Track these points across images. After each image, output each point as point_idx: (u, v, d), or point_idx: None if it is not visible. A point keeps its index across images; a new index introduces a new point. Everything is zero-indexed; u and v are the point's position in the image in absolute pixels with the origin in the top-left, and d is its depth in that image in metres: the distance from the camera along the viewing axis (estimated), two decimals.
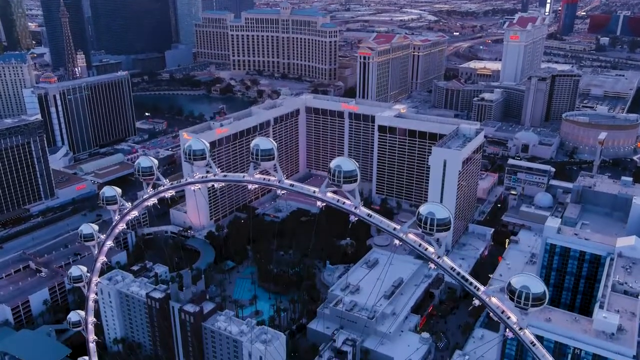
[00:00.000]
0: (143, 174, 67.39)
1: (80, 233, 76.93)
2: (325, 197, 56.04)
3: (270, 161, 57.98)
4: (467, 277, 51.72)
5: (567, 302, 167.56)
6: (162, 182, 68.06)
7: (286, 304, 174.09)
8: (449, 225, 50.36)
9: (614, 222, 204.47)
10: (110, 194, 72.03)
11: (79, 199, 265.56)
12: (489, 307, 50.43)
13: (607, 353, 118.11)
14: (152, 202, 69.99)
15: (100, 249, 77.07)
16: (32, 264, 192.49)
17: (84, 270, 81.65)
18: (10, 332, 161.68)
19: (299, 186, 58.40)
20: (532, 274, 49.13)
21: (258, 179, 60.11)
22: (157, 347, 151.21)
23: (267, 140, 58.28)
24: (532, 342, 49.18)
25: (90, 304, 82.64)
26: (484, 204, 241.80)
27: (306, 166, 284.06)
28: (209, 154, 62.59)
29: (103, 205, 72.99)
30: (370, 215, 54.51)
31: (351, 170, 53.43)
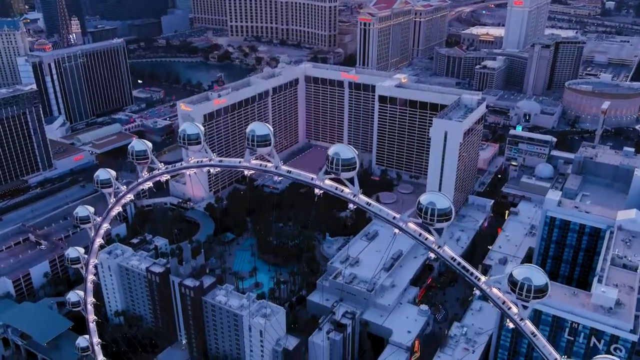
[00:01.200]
0: (137, 158, 66.02)
1: (76, 215, 75.97)
2: (323, 184, 54.67)
3: (267, 147, 56.44)
4: (468, 267, 50.90)
5: (566, 274, 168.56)
6: (157, 165, 66.62)
7: (286, 276, 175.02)
8: (449, 216, 49.26)
9: (615, 193, 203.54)
10: (104, 177, 70.74)
11: (77, 169, 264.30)
12: (490, 298, 49.72)
13: (604, 327, 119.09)
14: (147, 186, 68.73)
15: (97, 232, 76.23)
16: (32, 237, 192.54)
17: (82, 252, 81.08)
18: (12, 305, 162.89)
19: (297, 173, 57.05)
20: (534, 266, 48.13)
21: (255, 165, 58.54)
22: (157, 320, 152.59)
23: (263, 125, 56.58)
24: (533, 332, 48.67)
25: (89, 285, 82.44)
26: (485, 175, 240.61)
27: (305, 137, 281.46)
28: (203, 139, 60.97)
29: (98, 188, 71.56)
30: (369, 204, 53.26)
31: (350, 158, 52.01)
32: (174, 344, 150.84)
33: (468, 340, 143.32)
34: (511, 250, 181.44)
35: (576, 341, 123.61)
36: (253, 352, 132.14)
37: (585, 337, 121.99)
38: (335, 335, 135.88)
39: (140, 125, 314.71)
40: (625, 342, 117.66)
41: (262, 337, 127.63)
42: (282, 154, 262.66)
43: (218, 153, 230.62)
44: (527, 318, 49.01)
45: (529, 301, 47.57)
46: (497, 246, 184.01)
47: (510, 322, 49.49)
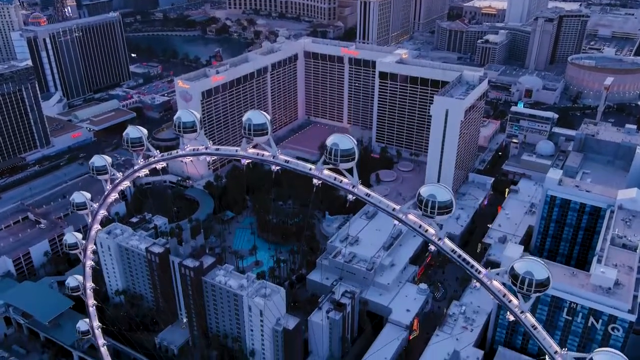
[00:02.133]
0: (132, 145, 64.76)
1: (72, 202, 75.12)
2: (322, 175, 53.59)
3: (264, 136, 55.14)
4: (469, 260, 50.20)
5: (565, 253, 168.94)
6: (153, 152, 65.43)
7: (286, 255, 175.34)
8: (450, 208, 48.31)
9: (616, 171, 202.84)
10: (100, 163, 69.61)
11: (74, 147, 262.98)
12: (491, 291, 49.15)
13: (603, 307, 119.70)
14: (143, 173, 67.68)
15: (94, 218, 75.46)
16: (31, 215, 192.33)
17: (79, 237, 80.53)
18: (13, 284, 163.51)
19: (295, 162, 55.90)
20: (535, 259, 47.33)
21: (251, 154, 57.35)
22: (158, 299, 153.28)
23: (260, 114, 55.16)
24: (534, 325, 48.26)
25: (88, 270, 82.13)
26: (485, 152, 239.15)
27: (305, 113, 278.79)
28: (199, 126, 59.63)
29: (93, 175, 70.48)
30: (369, 195, 52.25)
31: (348, 149, 50.78)
32: (174, 322, 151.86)
33: (467, 319, 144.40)
34: (511, 229, 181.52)
35: (574, 321, 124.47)
36: (253, 332, 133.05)
37: (584, 317, 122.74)
38: (335, 314, 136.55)
39: (138, 102, 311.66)
40: (622, 322, 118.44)
41: (262, 317, 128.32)
42: (281, 131, 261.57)
43: (217, 131, 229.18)
44: (527, 311, 48.50)
45: (530, 295, 46.98)
46: (496, 224, 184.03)
47: (511, 314, 49.02)
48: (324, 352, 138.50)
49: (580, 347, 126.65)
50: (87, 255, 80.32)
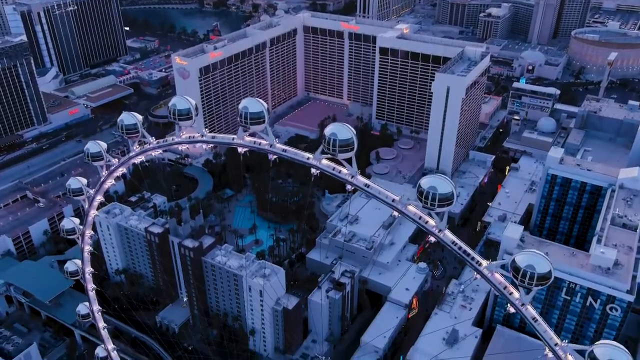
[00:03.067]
0: (127, 132, 63.49)
1: (69, 187, 74.05)
2: (320, 164, 52.43)
3: (261, 124, 53.83)
4: (469, 252, 49.53)
5: (564, 232, 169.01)
6: (148, 139, 64.18)
7: (285, 234, 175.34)
8: (451, 200, 47.34)
9: (617, 148, 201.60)
10: (95, 150, 68.32)
11: (72, 124, 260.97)
12: (491, 284, 48.66)
13: (601, 288, 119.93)
14: (139, 160, 66.54)
15: (91, 204, 74.62)
16: (30, 194, 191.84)
17: (77, 222, 79.80)
18: (13, 263, 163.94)
19: (293, 152, 54.61)
20: (537, 252, 46.54)
21: (248, 142, 56.13)
22: (158, 278, 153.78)
23: (256, 102, 53.75)
24: (534, 318, 47.87)
25: (86, 255, 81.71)
26: (486, 129, 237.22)
27: (304, 90, 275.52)
28: (195, 113, 58.27)
29: (89, 161, 69.32)
30: (368, 186, 51.21)
31: (347, 139, 49.53)
32: (174, 301, 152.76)
33: (465, 298, 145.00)
34: (511, 207, 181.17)
35: (573, 301, 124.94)
36: (253, 311, 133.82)
37: (582, 296, 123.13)
38: (335, 294, 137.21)
39: (135, 77, 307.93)
40: (621, 302, 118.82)
41: (261, 297, 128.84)
42: (280, 108, 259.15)
43: (215, 109, 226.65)
44: (528, 303, 48.04)
45: (532, 288, 46.44)
46: (496, 203, 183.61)
47: (512, 307, 48.60)
48: (323, 330, 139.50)
49: (578, 326, 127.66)
50: (85, 240, 79.77)
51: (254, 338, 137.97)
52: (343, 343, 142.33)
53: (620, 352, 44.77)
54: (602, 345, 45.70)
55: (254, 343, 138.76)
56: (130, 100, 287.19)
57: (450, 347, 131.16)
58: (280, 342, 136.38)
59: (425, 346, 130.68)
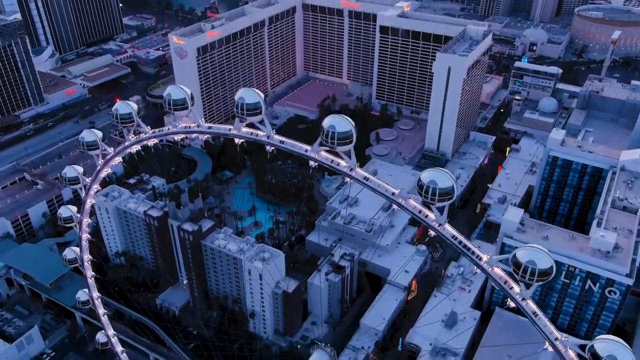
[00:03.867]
0: (122, 121, 62.36)
1: (65, 176, 73.20)
2: (318, 157, 51.49)
3: (257, 115, 52.68)
4: (470, 246, 48.90)
5: (564, 213, 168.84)
6: (143, 128, 63.10)
7: (285, 216, 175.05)
8: (451, 195, 46.51)
9: (619, 129, 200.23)
10: (90, 139, 67.22)
11: (69, 104, 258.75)
12: (492, 278, 48.13)
13: (601, 271, 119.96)
14: (135, 150, 65.54)
15: (87, 192, 73.86)
16: (28, 176, 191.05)
17: (74, 211, 79.21)
18: (13, 245, 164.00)
19: (290, 143, 53.53)
20: (539, 247, 45.85)
21: (245, 133, 55.04)
22: (157, 261, 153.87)
23: (253, 92, 52.48)
24: (535, 312, 47.50)
25: (84, 243, 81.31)
26: (487, 109, 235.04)
27: (304, 69, 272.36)
28: (190, 103, 57.04)
29: (84, 151, 68.29)
30: (367, 179, 50.32)
31: (346, 132, 48.49)
32: (175, 284, 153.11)
33: (465, 280, 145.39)
34: (511, 189, 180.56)
35: (572, 284, 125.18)
36: (253, 294, 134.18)
37: (581, 280, 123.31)
38: (334, 277, 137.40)
39: (132, 56, 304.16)
40: (620, 285, 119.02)
41: (261, 281, 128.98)
42: (279, 87, 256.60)
43: (213, 89, 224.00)
44: (529, 298, 47.60)
45: (532, 284, 45.92)
46: (496, 184, 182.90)
47: (512, 301, 48.17)
48: (323, 313, 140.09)
49: (577, 309, 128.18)
50: (83, 229, 79.25)
51: (253, 320, 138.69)
52: (342, 325, 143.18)
53: (621, 347, 44.53)
54: (603, 340, 45.46)
55: (254, 325, 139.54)
56: (127, 80, 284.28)
57: (449, 330, 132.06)
58: (280, 324, 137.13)
59: (424, 328, 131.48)
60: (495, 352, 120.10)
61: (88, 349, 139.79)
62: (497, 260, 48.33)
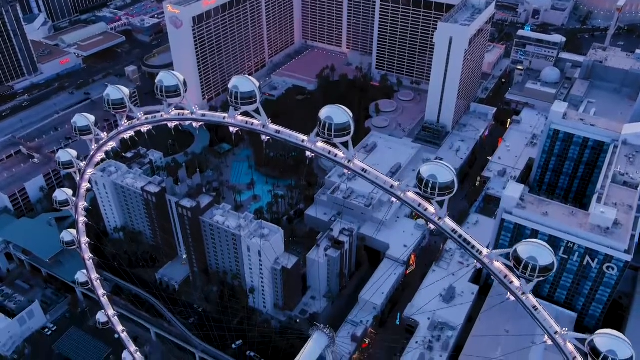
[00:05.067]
0: (114, 107, 60.73)
1: (59, 160, 71.77)
2: (315, 147, 50.04)
3: (252, 104, 51.02)
4: (470, 240, 48.10)
5: (564, 187, 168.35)
6: (136, 114, 61.45)
7: (283, 189, 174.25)
8: (452, 189, 45.32)
9: (622, 100, 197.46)
10: (82, 123, 65.52)
11: (64, 74, 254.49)
12: (492, 272, 47.51)
13: (599, 247, 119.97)
14: (128, 135, 63.99)
15: (82, 177, 72.65)
16: (24, 149, 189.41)
17: (69, 194, 78.11)
18: (12, 220, 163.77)
19: (287, 133, 51.95)
20: (541, 243, 44.93)
21: (240, 122, 53.48)
22: (157, 236, 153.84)
23: (247, 80, 50.68)
24: (535, 306, 47.09)
25: (81, 226, 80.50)
26: (488, 80, 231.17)
27: (302, 37, 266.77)
28: (183, 90, 55.27)
29: (77, 136, 66.70)
30: (365, 170, 49.06)
31: (343, 123, 46.95)
32: (174, 259, 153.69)
33: (463, 254, 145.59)
34: (511, 162, 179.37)
35: (570, 259, 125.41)
36: (252, 270, 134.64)
37: (580, 256, 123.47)
38: (333, 252, 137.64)
39: (126, 24, 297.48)
40: (618, 261, 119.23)
41: (260, 257, 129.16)
42: (277, 57, 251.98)
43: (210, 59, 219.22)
44: (529, 292, 47.06)
45: (533, 280, 45.25)
46: (496, 157, 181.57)
47: (512, 295, 47.67)
48: (322, 287, 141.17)
49: (574, 284, 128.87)
50: (79, 212, 78.29)
51: (253, 296, 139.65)
52: (341, 299, 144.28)
53: (621, 342, 44.13)
54: (603, 335, 45.06)
55: (253, 300, 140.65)
56: (122, 49, 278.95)
57: (447, 304, 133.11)
58: (280, 299, 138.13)
59: (422, 303, 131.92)
60: (492, 326, 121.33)
61: (89, 323, 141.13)
62: (497, 254, 47.55)
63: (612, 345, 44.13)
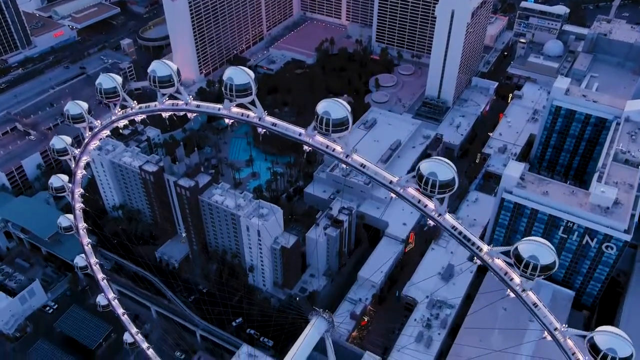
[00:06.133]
0: (107, 96, 59.17)
1: (52, 147, 70.48)
2: (313, 142, 48.75)
3: (248, 97, 49.56)
4: (470, 237, 47.34)
5: (565, 163, 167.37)
6: (129, 103, 59.96)
7: (282, 167, 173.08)
8: (452, 187, 44.29)
9: (625, 74, 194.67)
10: (75, 111, 63.89)
11: (58, 47, 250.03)
12: (492, 269, 46.93)
13: (599, 227, 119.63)
14: (122, 124, 62.61)
15: (77, 164, 71.51)
16: (19, 126, 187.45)
17: (65, 180, 77.16)
18: (9, 198, 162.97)
19: (283, 126, 50.66)
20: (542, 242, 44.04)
21: (235, 113, 52.09)
22: (155, 214, 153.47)
23: (242, 72, 49.16)
24: (535, 303, 46.65)
25: (78, 212, 79.78)
26: (490, 53, 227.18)
27: (300, 8, 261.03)
28: (176, 79, 53.65)
29: (70, 124, 65.23)
30: (364, 166, 47.87)
31: (341, 118, 45.60)
32: (173, 237, 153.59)
33: None
34: (512, 138, 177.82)
35: (569, 239, 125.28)
36: (252, 249, 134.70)
37: (579, 235, 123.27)
38: (332, 231, 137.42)
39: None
40: (617, 241, 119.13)
41: (259, 237, 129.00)
42: (275, 29, 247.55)
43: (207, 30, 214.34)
44: (529, 289, 46.56)
45: (534, 279, 44.65)
46: (497, 133, 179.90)
47: (512, 292, 47.18)
48: (321, 266, 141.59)
49: (573, 262, 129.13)
50: (76, 199, 77.46)
51: (252, 274, 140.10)
52: (340, 277, 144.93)
53: (621, 340, 43.82)
54: (603, 332, 44.72)
55: (253, 278, 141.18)
56: (117, 21, 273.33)
57: (445, 282, 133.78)
58: (279, 277, 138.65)
59: (420, 281, 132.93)
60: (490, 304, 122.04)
61: (90, 301, 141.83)
62: (497, 252, 46.86)
63: (612, 343, 43.85)
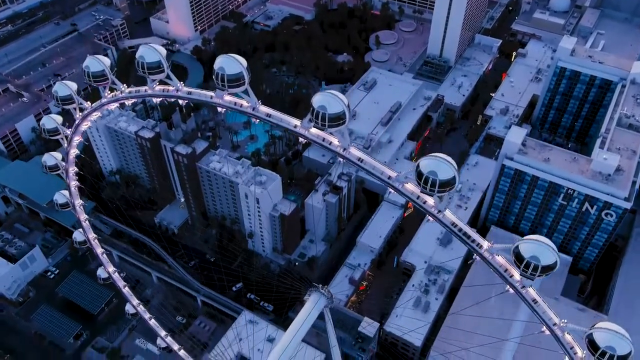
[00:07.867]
0: (95, 79, 56.67)
1: (43, 127, 68.31)
2: (308, 134, 46.99)
3: (240, 87, 47.45)
4: (470, 234, 46.38)
5: (567, 126, 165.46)
6: (119, 86, 57.64)
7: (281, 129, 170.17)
8: (452, 185, 42.86)
9: (632, 30, 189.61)
10: (64, 93, 61.46)
11: (47, 1, 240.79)
12: (492, 266, 46.16)
13: (599, 194, 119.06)
14: (113, 107, 60.47)
15: (70, 143, 69.68)
16: (12, 87, 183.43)
17: (59, 159, 75.35)
18: (5, 162, 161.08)
19: (278, 117, 48.83)
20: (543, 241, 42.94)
21: (228, 102, 49.98)
22: (153, 179, 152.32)
23: (234, 61, 46.88)
24: (534, 299, 46.15)
25: (73, 190, 78.52)
26: (495, 8, 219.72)
27: None
28: (166, 65, 51.14)
29: (59, 106, 63.00)
30: (362, 160, 46.27)
31: (337, 113, 43.69)
32: (172, 202, 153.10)
33: (462, 197, 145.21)
34: (514, 99, 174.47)
35: (569, 206, 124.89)
36: (251, 216, 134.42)
37: (579, 202, 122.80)
38: (331, 197, 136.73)
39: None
40: (617, 208, 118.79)
41: (258, 204, 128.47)
42: None
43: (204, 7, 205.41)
44: (529, 286, 45.94)
45: (534, 279, 43.88)
46: (499, 94, 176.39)
47: (511, 289, 46.61)
48: (320, 231, 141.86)
49: (572, 229, 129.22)
50: (70, 177, 75.95)
51: (252, 240, 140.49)
52: (339, 242, 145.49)
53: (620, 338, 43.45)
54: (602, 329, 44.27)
55: (252, 244, 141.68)
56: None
57: (444, 248, 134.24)
58: (278, 243, 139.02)
59: (419, 247, 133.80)
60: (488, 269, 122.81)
61: (91, 266, 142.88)
62: (498, 249, 45.96)
63: (611, 341, 43.45)
